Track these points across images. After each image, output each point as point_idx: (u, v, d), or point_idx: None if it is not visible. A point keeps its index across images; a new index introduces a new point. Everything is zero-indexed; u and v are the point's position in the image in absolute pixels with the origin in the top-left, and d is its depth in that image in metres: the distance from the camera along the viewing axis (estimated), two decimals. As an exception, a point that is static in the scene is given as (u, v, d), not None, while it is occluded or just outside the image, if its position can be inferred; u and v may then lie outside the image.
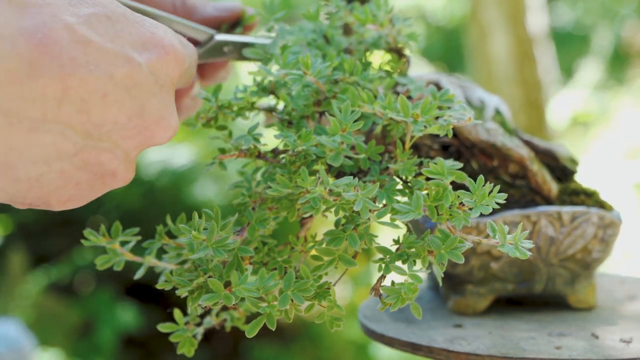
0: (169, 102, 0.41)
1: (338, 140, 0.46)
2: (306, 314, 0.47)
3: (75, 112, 0.36)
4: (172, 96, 0.41)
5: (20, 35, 0.35)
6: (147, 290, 2.01)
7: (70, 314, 2.00)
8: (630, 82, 3.53)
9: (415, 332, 0.53)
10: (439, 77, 0.59)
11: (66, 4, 0.37)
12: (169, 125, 0.41)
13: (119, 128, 0.38)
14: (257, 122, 0.49)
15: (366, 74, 0.50)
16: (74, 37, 0.36)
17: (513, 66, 2.20)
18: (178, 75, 0.42)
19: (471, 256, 0.56)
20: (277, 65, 0.49)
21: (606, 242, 0.56)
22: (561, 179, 0.59)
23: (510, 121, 0.60)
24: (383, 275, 0.45)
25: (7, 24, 0.35)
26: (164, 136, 0.41)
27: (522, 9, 2.21)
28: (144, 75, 0.39)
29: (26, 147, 0.36)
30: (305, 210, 0.44)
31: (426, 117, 0.46)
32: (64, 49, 0.35)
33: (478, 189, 0.44)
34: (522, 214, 0.55)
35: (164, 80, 0.40)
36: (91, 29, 0.37)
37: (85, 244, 0.48)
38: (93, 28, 0.37)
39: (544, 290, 0.58)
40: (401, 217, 0.44)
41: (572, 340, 0.52)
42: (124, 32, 0.38)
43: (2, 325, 1.43)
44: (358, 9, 0.54)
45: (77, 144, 0.37)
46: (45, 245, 2.12)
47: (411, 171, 0.47)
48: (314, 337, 2.13)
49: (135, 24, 0.39)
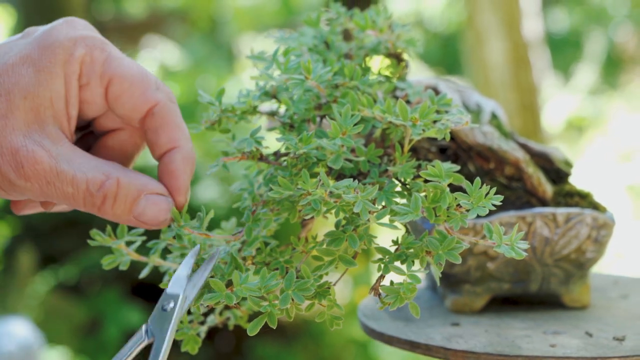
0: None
1: (338, 143, 0.47)
2: (307, 312, 0.47)
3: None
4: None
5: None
6: (152, 290, 2.02)
7: (77, 312, 2.01)
8: (624, 86, 3.55)
9: (414, 330, 0.54)
10: (437, 81, 0.60)
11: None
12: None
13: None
14: (260, 126, 0.50)
15: (366, 79, 0.51)
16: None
17: (509, 71, 2.21)
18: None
19: (468, 256, 0.57)
20: (279, 70, 0.50)
21: (600, 243, 0.58)
22: (556, 181, 0.61)
23: (506, 125, 0.61)
24: (382, 275, 0.46)
25: None
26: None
27: (518, 15, 2.23)
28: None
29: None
30: (306, 211, 0.45)
31: (424, 120, 0.47)
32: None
33: (475, 191, 0.45)
34: (517, 215, 0.56)
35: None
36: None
37: (92, 244, 0.49)
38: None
39: (539, 289, 0.59)
40: (400, 219, 0.45)
41: (567, 339, 0.53)
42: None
43: (11, 324, 1.44)
44: (358, 15, 0.55)
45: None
46: (53, 246, 2.13)
47: (410, 173, 0.48)
48: (315, 336, 2.13)
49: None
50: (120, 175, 0.45)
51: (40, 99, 0.44)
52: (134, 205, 0.45)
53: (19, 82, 0.44)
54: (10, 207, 0.49)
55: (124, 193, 0.45)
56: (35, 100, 0.44)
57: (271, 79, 0.51)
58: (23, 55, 0.45)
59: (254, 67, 0.52)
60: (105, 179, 0.45)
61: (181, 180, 0.46)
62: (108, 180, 0.44)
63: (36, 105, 0.44)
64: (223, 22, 3.68)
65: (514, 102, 2.23)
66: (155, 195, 0.45)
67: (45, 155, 0.44)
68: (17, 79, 0.44)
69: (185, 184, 0.46)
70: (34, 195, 0.45)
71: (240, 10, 3.56)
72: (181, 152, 0.46)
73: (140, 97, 0.46)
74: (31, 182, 0.44)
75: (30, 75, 0.44)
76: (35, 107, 0.44)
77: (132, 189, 0.45)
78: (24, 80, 0.44)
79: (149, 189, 0.45)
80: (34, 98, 0.44)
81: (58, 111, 0.45)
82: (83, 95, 0.46)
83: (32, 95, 0.44)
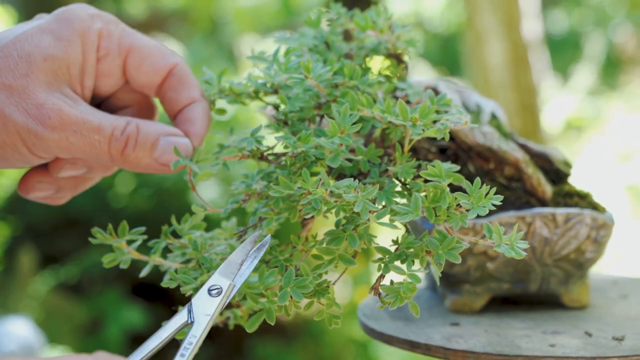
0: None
1: (337, 142, 0.47)
2: (306, 311, 0.48)
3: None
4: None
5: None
6: (153, 289, 2.02)
7: (78, 312, 2.01)
8: (623, 87, 3.56)
9: (414, 330, 0.54)
10: (437, 82, 0.60)
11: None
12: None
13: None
14: (260, 125, 0.50)
15: (366, 79, 0.52)
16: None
17: (508, 72, 2.22)
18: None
19: (468, 256, 0.57)
20: (279, 70, 0.50)
21: (599, 243, 0.58)
22: (555, 182, 0.61)
23: (506, 125, 0.62)
24: (382, 275, 0.46)
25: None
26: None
27: (517, 16, 2.23)
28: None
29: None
30: (306, 211, 0.45)
31: (424, 121, 0.47)
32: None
33: (475, 191, 0.45)
34: (517, 215, 0.56)
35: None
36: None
37: (93, 242, 0.49)
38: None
39: (539, 289, 0.59)
40: (400, 218, 0.45)
41: (566, 338, 0.53)
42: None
43: (12, 323, 1.44)
44: (358, 16, 0.55)
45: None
46: (54, 246, 2.13)
47: (410, 173, 0.49)
48: (315, 335, 2.13)
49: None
50: (139, 121, 0.48)
51: (59, 61, 0.46)
52: (154, 147, 0.48)
53: (38, 45, 0.46)
54: (18, 188, 0.50)
55: (144, 135, 0.48)
56: (55, 63, 0.46)
57: (272, 79, 0.51)
58: (42, 26, 0.47)
59: (255, 68, 0.53)
60: (126, 124, 0.47)
61: (199, 126, 0.50)
62: (129, 125, 0.47)
63: (55, 67, 0.46)
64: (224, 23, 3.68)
65: (514, 103, 2.23)
66: (173, 137, 0.49)
67: (69, 108, 0.46)
68: (37, 43, 0.46)
69: (203, 130, 0.50)
70: (59, 148, 0.47)
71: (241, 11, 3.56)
72: (201, 104, 0.50)
73: (160, 62, 0.49)
74: (58, 132, 0.46)
75: (49, 41, 0.46)
76: (54, 69, 0.46)
77: (151, 132, 0.48)
78: (44, 44, 0.46)
79: (166, 132, 0.49)
80: (54, 60, 0.46)
81: (73, 77, 0.47)
82: (102, 68, 0.48)
83: (51, 57, 0.46)
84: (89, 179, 0.52)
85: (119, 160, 0.48)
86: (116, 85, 0.50)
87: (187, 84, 0.50)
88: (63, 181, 0.50)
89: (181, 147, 0.48)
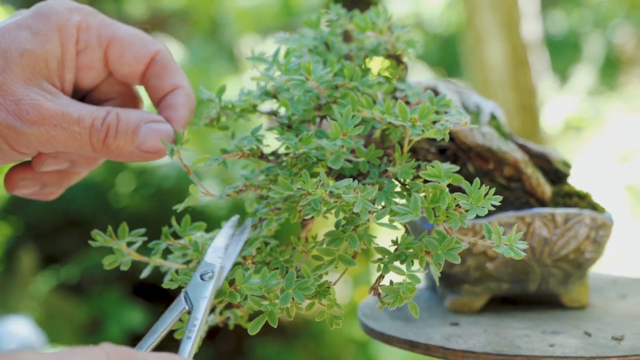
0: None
1: (339, 144, 0.47)
2: (307, 312, 0.48)
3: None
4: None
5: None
6: (154, 290, 2.02)
7: (78, 312, 2.01)
8: (622, 87, 3.56)
9: (413, 330, 0.55)
10: (437, 82, 0.61)
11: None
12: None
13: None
14: (261, 124, 0.50)
15: (366, 80, 0.52)
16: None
17: (508, 72, 2.22)
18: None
19: (467, 256, 0.57)
20: (279, 71, 0.51)
21: (598, 243, 0.58)
22: (555, 182, 0.61)
23: (505, 125, 0.62)
24: (382, 275, 0.46)
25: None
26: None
27: (517, 17, 2.24)
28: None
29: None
30: (306, 211, 0.46)
31: (424, 121, 0.47)
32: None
33: (474, 191, 0.45)
34: (516, 216, 0.56)
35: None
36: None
37: (93, 244, 0.50)
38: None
39: (538, 289, 0.59)
40: (399, 219, 0.45)
41: (565, 338, 0.53)
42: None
43: (13, 323, 1.44)
44: (358, 17, 0.55)
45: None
46: (55, 246, 2.13)
47: (409, 174, 0.49)
48: (315, 335, 2.14)
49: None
50: (119, 110, 0.48)
51: (36, 56, 0.46)
52: (135, 135, 0.47)
53: (15, 41, 0.46)
54: (5, 183, 0.50)
55: (125, 124, 0.47)
56: (32, 58, 0.46)
57: (272, 80, 0.51)
58: (19, 21, 0.47)
59: (255, 68, 0.53)
60: (106, 113, 0.47)
61: (181, 112, 0.49)
62: (109, 114, 0.47)
63: (32, 62, 0.46)
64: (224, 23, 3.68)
65: (513, 103, 2.23)
66: (154, 123, 0.48)
67: (48, 102, 0.46)
68: (14, 39, 0.46)
69: (185, 116, 0.50)
70: (40, 142, 0.46)
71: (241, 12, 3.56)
72: (184, 90, 0.50)
73: (142, 50, 0.49)
74: (37, 126, 0.46)
75: (26, 36, 0.46)
76: (31, 64, 0.46)
77: (131, 120, 0.48)
78: (20, 40, 0.46)
79: (147, 119, 0.48)
80: (30, 55, 0.46)
81: (52, 71, 0.47)
82: (82, 61, 0.48)
83: (28, 52, 0.46)
84: (74, 173, 0.52)
85: (101, 150, 0.47)
86: (99, 78, 0.50)
87: (170, 71, 0.50)
88: (47, 176, 0.50)
89: (163, 133, 0.48)
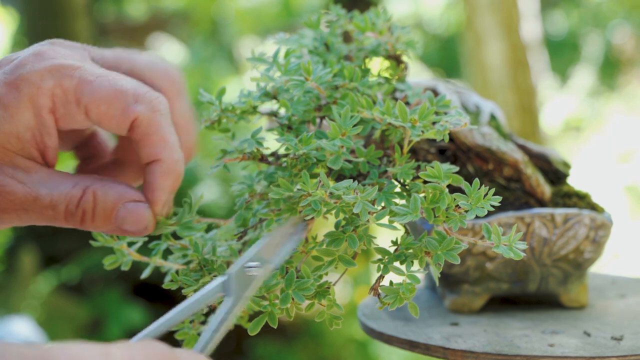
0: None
1: (338, 144, 0.47)
2: (307, 312, 0.48)
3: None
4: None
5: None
6: (154, 290, 2.02)
7: (79, 312, 2.01)
8: (621, 88, 3.57)
9: (413, 330, 0.55)
10: (436, 83, 0.61)
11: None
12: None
13: None
14: (260, 127, 0.50)
15: (365, 80, 0.52)
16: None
17: (507, 73, 2.22)
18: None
19: (467, 257, 0.57)
20: (279, 71, 0.51)
21: (598, 243, 0.58)
22: (554, 182, 0.61)
23: (505, 126, 0.62)
24: (382, 276, 0.46)
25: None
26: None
27: (517, 18, 2.24)
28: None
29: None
30: (306, 212, 0.46)
31: (423, 122, 0.47)
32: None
33: (474, 192, 0.45)
34: (516, 216, 0.56)
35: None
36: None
37: (94, 244, 0.50)
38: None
39: (538, 289, 0.59)
40: (399, 219, 0.45)
41: (565, 338, 0.53)
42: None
43: (14, 323, 1.45)
44: (357, 18, 0.55)
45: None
46: (56, 246, 2.14)
47: (409, 174, 0.49)
48: (315, 335, 2.14)
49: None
50: (97, 188, 0.45)
51: (6, 135, 0.44)
52: (113, 215, 0.45)
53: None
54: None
55: (101, 206, 0.45)
56: (1, 137, 0.44)
57: (272, 81, 0.51)
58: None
59: (255, 69, 0.53)
60: (82, 194, 0.44)
61: (157, 193, 0.46)
62: (84, 196, 0.45)
63: (2, 141, 0.44)
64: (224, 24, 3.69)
65: (513, 104, 2.24)
66: (133, 203, 0.45)
67: (18, 186, 0.44)
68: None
69: (162, 197, 0.46)
70: (16, 223, 0.45)
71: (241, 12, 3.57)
72: (161, 165, 0.45)
73: (119, 115, 0.45)
74: (9, 213, 0.44)
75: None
76: (1, 143, 0.44)
77: (108, 200, 0.45)
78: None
79: (126, 198, 0.45)
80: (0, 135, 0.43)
81: (26, 143, 0.44)
82: (65, 124, 0.45)
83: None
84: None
85: (79, 227, 0.45)
86: (89, 130, 0.48)
87: (149, 139, 0.45)
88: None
89: (140, 215, 0.45)
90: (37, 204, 0.44)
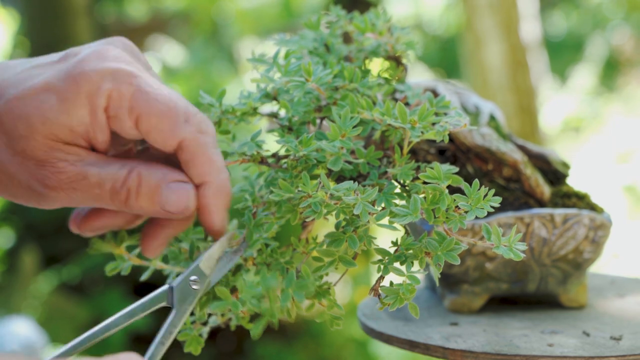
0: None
1: (338, 145, 0.47)
2: (307, 313, 0.48)
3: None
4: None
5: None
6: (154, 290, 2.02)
7: (80, 312, 2.02)
8: (621, 88, 3.57)
9: (413, 330, 0.55)
10: (436, 84, 0.61)
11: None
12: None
13: None
14: (260, 129, 0.51)
15: (365, 81, 0.52)
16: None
17: (507, 73, 2.22)
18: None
19: (467, 257, 0.57)
20: (279, 72, 0.51)
21: (597, 243, 0.58)
22: (553, 182, 0.61)
23: (505, 126, 0.62)
24: (382, 276, 0.47)
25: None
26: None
27: (516, 19, 2.24)
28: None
29: None
30: (307, 214, 0.46)
31: (423, 123, 0.47)
32: None
33: (473, 192, 0.46)
34: (516, 216, 0.57)
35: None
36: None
37: (92, 252, 0.50)
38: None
39: (537, 289, 0.59)
40: (399, 220, 0.45)
41: (564, 338, 0.53)
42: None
43: (15, 323, 1.45)
44: (357, 18, 0.55)
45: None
46: (56, 246, 2.14)
47: (409, 175, 0.49)
48: (315, 335, 2.14)
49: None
50: (142, 169, 0.46)
51: (60, 126, 0.45)
52: (157, 195, 0.46)
53: (39, 107, 0.45)
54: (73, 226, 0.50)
55: (146, 185, 0.46)
56: (55, 127, 0.45)
57: (272, 82, 0.51)
58: (48, 83, 0.45)
59: (255, 70, 0.53)
60: (128, 173, 0.46)
61: (214, 215, 0.47)
62: (130, 175, 0.46)
63: (56, 130, 0.45)
64: (225, 25, 3.69)
65: (512, 104, 2.24)
66: (176, 183, 0.46)
67: (70, 165, 0.45)
68: (39, 105, 0.45)
69: (219, 218, 0.47)
70: (63, 203, 0.46)
71: (242, 13, 3.57)
72: (211, 187, 0.46)
73: (168, 134, 0.46)
74: (57, 191, 0.45)
75: (52, 102, 0.45)
76: (54, 132, 0.45)
77: (152, 180, 0.46)
78: (45, 107, 0.45)
79: (169, 178, 0.46)
80: (53, 124, 0.45)
81: (79, 135, 0.45)
82: (114, 126, 0.46)
83: (50, 122, 0.45)
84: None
85: (124, 208, 0.46)
86: (136, 137, 0.48)
87: (197, 161, 0.46)
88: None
89: (183, 195, 0.46)
90: (85, 183, 0.45)
